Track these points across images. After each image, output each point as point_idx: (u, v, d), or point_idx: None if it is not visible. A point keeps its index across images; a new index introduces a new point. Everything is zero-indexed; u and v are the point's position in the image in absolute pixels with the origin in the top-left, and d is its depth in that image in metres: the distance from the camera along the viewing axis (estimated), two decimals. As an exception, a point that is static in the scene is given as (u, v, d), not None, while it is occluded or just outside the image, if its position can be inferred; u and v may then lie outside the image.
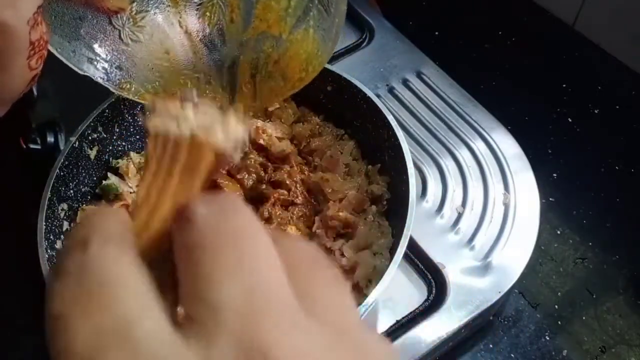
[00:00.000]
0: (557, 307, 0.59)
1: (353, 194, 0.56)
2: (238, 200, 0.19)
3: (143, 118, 0.25)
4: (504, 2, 0.87)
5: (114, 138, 0.61)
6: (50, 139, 0.67)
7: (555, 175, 0.69)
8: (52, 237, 0.51)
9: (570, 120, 0.74)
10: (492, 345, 0.57)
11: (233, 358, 0.14)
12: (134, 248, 0.18)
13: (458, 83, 0.72)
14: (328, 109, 0.63)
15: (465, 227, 0.60)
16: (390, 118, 0.55)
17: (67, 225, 0.55)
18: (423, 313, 0.55)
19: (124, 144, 0.62)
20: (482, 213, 0.61)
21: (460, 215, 0.61)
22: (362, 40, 0.79)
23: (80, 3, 0.42)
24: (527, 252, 0.58)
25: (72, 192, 0.56)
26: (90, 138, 0.58)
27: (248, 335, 0.14)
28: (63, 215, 0.55)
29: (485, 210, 0.61)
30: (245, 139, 0.29)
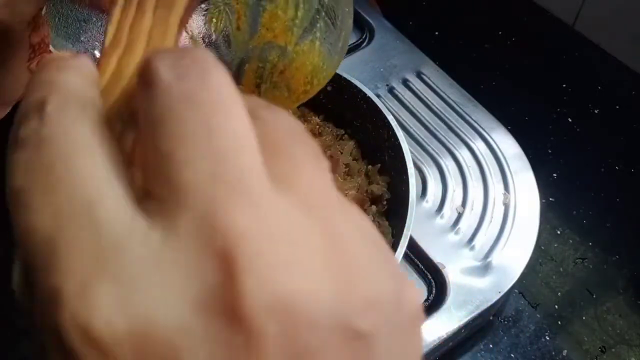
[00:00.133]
0: (557, 307, 0.59)
1: (353, 194, 0.56)
2: (209, 59, 0.16)
3: None
4: (504, 2, 0.87)
5: (114, 138, 0.61)
6: (50, 139, 0.67)
7: (555, 175, 0.69)
8: (52, 237, 0.51)
9: (571, 120, 0.74)
10: (492, 345, 0.57)
11: (194, 238, 0.14)
12: (98, 108, 0.16)
13: (458, 83, 0.72)
14: (328, 109, 0.63)
15: (465, 227, 0.60)
16: (390, 118, 0.55)
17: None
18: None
19: (124, 144, 0.62)
20: (482, 213, 0.61)
21: (460, 215, 0.61)
22: (362, 40, 0.79)
23: (85, 5, 0.42)
24: (527, 252, 0.58)
25: (72, 192, 0.56)
26: (90, 138, 0.58)
27: (210, 216, 0.14)
28: (63, 215, 0.55)
29: (485, 210, 0.61)
30: None
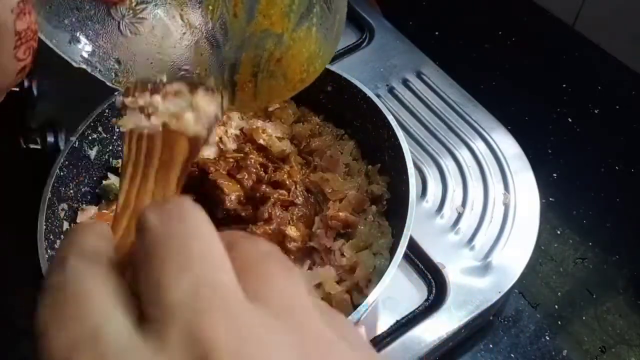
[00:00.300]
0: (557, 307, 0.59)
1: (353, 194, 0.56)
2: (187, 204, 0.20)
3: (115, 121, 0.28)
4: (504, 2, 0.87)
5: (114, 138, 0.61)
6: (50, 139, 0.67)
7: (555, 175, 0.69)
8: (52, 237, 0.51)
9: (571, 120, 0.74)
10: (492, 345, 0.57)
11: (180, 348, 0.16)
12: (109, 258, 0.20)
13: (458, 83, 0.72)
14: (328, 109, 0.63)
15: (465, 227, 0.60)
16: (390, 118, 0.55)
17: (67, 225, 0.55)
18: (423, 313, 0.55)
19: (124, 144, 0.62)
20: (482, 213, 0.61)
21: (460, 215, 0.61)
22: (362, 40, 0.79)
23: None
24: (527, 252, 0.58)
25: (72, 192, 0.56)
26: (91, 138, 0.58)
27: (194, 329, 0.16)
28: (63, 216, 0.55)
29: (485, 210, 0.61)
30: (218, 116, 0.29)
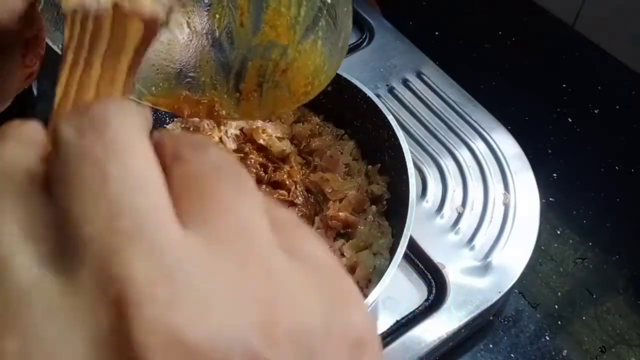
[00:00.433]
0: (557, 307, 0.59)
1: (353, 194, 0.56)
2: (113, 107, 0.16)
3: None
4: (504, 2, 0.87)
5: (114, 138, 0.61)
6: (50, 139, 0.67)
7: (555, 175, 0.69)
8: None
9: (571, 120, 0.74)
10: (492, 345, 0.57)
11: (91, 288, 0.14)
12: (25, 176, 0.16)
13: (458, 83, 0.72)
14: (328, 109, 0.63)
15: (465, 227, 0.60)
16: (390, 118, 0.55)
17: None
18: (423, 313, 0.55)
19: (124, 144, 0.62)
20: (482, 213, 0.61)
21: (460, 215, 0.61)
22: (362, 40, 0.79)
23: None
24: (527, 252, 0.58)
25: (72, 192, 0.56)
26: (90, 138, 0.58)
27: (107, 267, 0.14)
28: (63, 215, 0.55)
29: (485, 210, 0.61)
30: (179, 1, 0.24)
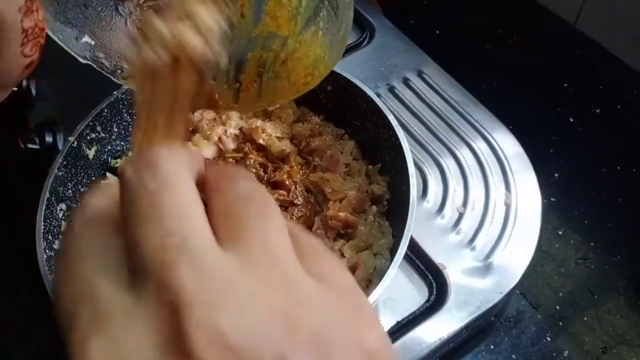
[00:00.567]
0: (558, 307, 0.59)
1: (353, 194, 0.56)
2: (162, 152, 0.20)
3: (129, 60, 0.25)
4: (505, 1, 0.87)
5: (113, 138, 0.60)
6: (49, 139, 0.67)
7: (557, 175, 0.69)
8: (50, 237, 0.51)
9: (572, 120, 0.74)
10: (493, 346, 0.57)
11: (153, 299, 0.17)
12: (106, 219, 0.21)
13: (459, 82, 0.72)
14: (328, 109, 0.63)
15: (466, 227, 0.60)
16: (391, 118, 0.55)
17: (65, 226, 0.55)
18: (424, 314, 0.55)
19: (123, 144, 0.62)
20: (483, 213, 0.61)
21: (461, 216, 0.61)
22: (362, 40, 0.79)
23: None
24: (528, 252, 0.57)
25: (70, 192, 0.56)
26: (89, 138, 0.58)
27: (162, 278, 0.17)
28: (62, 216, 0.54)
29: (487, 211, 0.61)
30: (222, 27, 0.27)
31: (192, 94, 0.25)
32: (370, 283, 0.51)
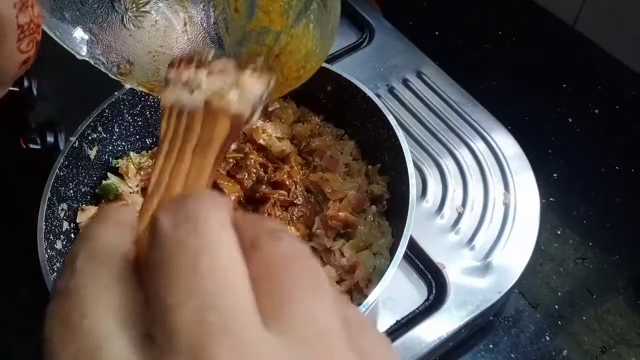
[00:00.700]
0: (557, 307, 0.59)
1: (353, 194, 0.56)
2: (204, 203, 0.18)
3: (157, 92, 0.26)
4: (504, 1, 0.87)
5: (114, 138, 0.61)
6: (50, 139, 0.67)
7: (556, 175, 0.69)
8: (52, 237, 0.51)
9: (571, 120, 0.74)
10: (492, 346, 0.57)
11: None
12: (120, 260, 0.18)
13: (458, 83, 0.72)
14: (328, 109, 0.63)
15: (466, 227, 0.60)
16: (390, 118, 0.55)
17: (67, 225, 0.55)
18: (423, 313, 0.55)
19: (124, 144, 0.62)
20: (482, 213, 0.61)
21: (461, 215, 0.61)
22: (362, 40, 0.79)
23: None
24: (527, 252, 0.57)
25: (72, 192, 0.56)
26: (90, 138, 0.58)
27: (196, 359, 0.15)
28: (63, 216, 0.55)
29: (486, 210, 0.61)
30: (264, 97, 0.27)
31: (222, 140, 0.25)
32: (370, 282, 0.51)
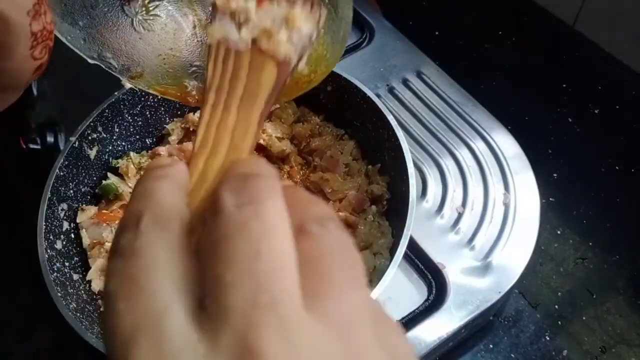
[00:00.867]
0: (557, 307, 0.59)
1: (353, 194, 0.56)
2: (267, 185, 0.19)
3: (206, 25, 0.25)
4: (504, 1, 0.87)
5: (114, 138, 0.61)
6: (50, 139, 0.67)
7: (556, 175, 0.69)
8: (52, 237, 0.51)
9: (571, 120, 0.74)
10: (492, 346, 0.57)
11: (230, 355, 0.16)
12: (184, 218, 0.19)
13: (458, 83, 0.72)
14: (328, 109, 0.63)
15: (466, 227, 0.60)
16: (390, 118, 0.55)
17: (67, 225, 0.55)
18: (423, 313, 0.55)
19: (124, 144, 0.62)
20: (482, 213, 0.61)
21: (461, 215, 0.61)
22: (362, 40, 0.79)
23: None
24: (527, 252, 0.57)
25: (72, 192, 0.56)
26: (90, 138, 0.58)
27: (245, 337, 0.16)
28: (63, 216, 0.55)
29: (486, 210, 0.61)
30: (313, 38, 0.26)
31: (269, 92, 0.24)
32: (370, 282, 0.51)
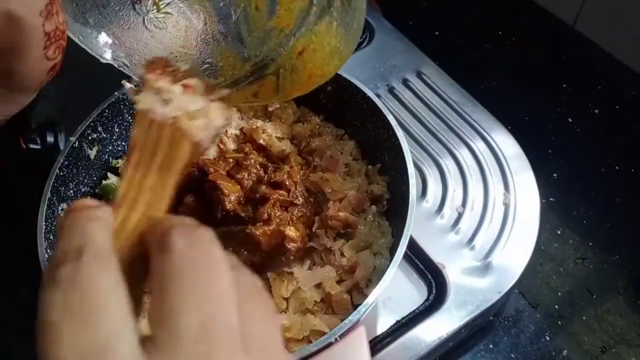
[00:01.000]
0: (557, 307, 0.59)
1: (353, 194, 0.56)
2: (211, 235, 0.22)
3: (131, 92, 0.28)
4: (504, 2, 0.87)
5: (114, 138, 0.61)
6: (50, 139, 0.67)
7: (556, 175, 0.69)
8: (52, 237, 0.51)
9: (571, 120, 0.74)
10: (492, 346, 0.57)
11: None
12: (116, 260, 0.20)
13: (458, 83, 0.72)
14: (328, 109, 0.63)
15: (466, 227, 0.60)
16: (390, 118, 0.55)
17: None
18: (423, 313, 0.55)
19: (124, 144, 0.62)
20: (482, 213, 0.61)
21: (461, 215, 0.61)
22: (362, 40, 0.79)
23: None
24: (527, 252, 0.58)
25: (72, 192, 0.56)
26: (90, 138, 0.58)
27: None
28: (63, 215, 0.55)
29: (486, 210, 0.61)
30: (222, 131, 0.29)
31: (183, 164, 0.27)
32: (370, 282, 0.51)
